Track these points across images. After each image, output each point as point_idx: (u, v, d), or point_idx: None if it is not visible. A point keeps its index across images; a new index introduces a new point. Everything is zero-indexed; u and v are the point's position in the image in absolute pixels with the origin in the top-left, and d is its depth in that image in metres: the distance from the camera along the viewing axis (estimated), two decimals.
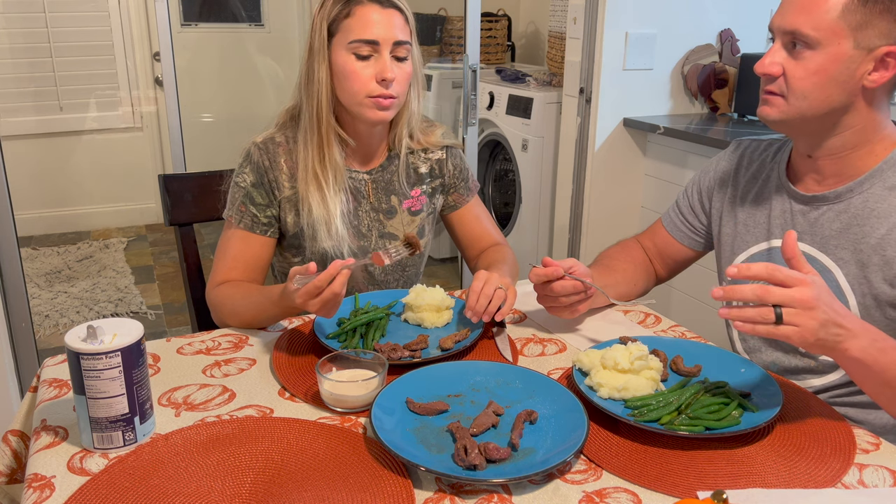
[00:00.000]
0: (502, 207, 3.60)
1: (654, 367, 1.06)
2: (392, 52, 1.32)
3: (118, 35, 4.35)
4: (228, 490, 0.86)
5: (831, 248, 1.17)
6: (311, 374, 1.11)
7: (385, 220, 1.47)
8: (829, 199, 1.18)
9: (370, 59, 1.32)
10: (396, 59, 1.34)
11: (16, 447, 1.11)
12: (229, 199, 1.42)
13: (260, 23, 4.61)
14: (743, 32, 2.86)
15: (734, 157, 1.36)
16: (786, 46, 1.12)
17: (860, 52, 1.07)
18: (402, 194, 1.48)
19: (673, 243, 1.45)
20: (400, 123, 1.45)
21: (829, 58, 1.08)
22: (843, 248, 1.16)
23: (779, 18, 1.12)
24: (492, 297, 1.22)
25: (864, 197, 1.14)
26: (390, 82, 1.32)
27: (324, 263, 1.40)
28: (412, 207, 1.50)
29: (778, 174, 1.27)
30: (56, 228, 4.52)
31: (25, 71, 4.18)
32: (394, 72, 1.32)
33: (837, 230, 1.16)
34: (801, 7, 1.08)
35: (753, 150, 1.35)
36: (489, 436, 0.95)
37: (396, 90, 1.34)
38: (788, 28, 1.09)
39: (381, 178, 1.47)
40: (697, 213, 1.41)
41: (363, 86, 1.32)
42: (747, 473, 0.90)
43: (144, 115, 4.55)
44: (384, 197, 1.47)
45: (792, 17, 1.09)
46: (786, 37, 1.11)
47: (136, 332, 0.92)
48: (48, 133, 4.32)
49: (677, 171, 2.72)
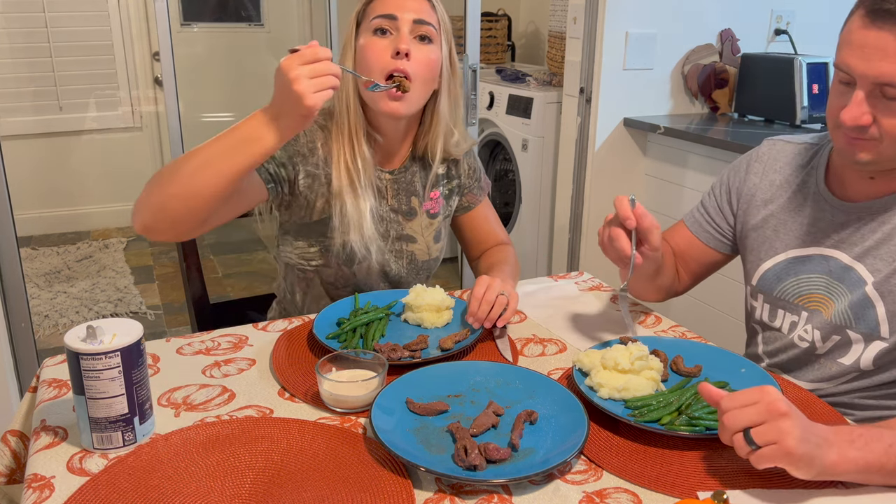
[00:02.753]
0: (502, 207, 3.60)
1: (655, 367, 1.06)
2: (413, 32, 1.28)
3: (118, 35, 4.34)
4: (228, 490, 0.86)
5: (869, 259, 1.14)
6: (310, 374, 1.11)
7: (404, 222, 1.45)
8: (871, 210, 1.15)
9: (389, 37, 1.28)
10: (419, 41, 1.29)
11: (15, 447, 1.10)
12: None
13: (260, 23, 4.61)
14: (743, 32, 2.86)
15: (767, 158, 1.31)
16: (872, 94, 1.03)
17: None
18: (422, 196, 1.46)
19: (697, 244, 1.38)
20: (432, 128, 1.40)
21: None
22: (881, 259, 1.13)
23: (861, 65, 1.02)
24: (493, 303, 1.21)
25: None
26: (404, 55, 1.26)
27: (349, 259, 1.38)
28: (431, 210, 1.47)
29: (816, 180, 1.22)
30: (56, 228, 4.51)
31: (25, 71, 4.18)
32: (410, 47, 1.26)
33: (877, 241, 1.13)
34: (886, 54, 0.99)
35: (788, 152, 1.29)
36: (489, 436, 0.95)
37: (413, 69, 1.27)
38: (879, 79, 1.01)
39: (403, 178, 1.44)
40: (725, 215, 1.35)
41: (378, 61, 1.27)
42: (747, 473, 0.90)
43: (144, 115, 4.55)
44: (404, 198, 1.45)
45: (882, 66, 1.00)
46: (871, 86, 1.02)
47: (135, 333, 0.92)
48: (48, 133, 4.32)
49: (677, 171, 2.72)
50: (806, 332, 1.21)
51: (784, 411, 0.83)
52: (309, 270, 1.43)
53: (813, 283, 1.20)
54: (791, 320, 1.23)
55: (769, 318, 1.27)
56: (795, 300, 1.22)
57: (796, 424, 0.82)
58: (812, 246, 1.21)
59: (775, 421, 0.82)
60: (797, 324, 1.22)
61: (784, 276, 1.23)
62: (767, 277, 1.26)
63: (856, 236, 1.16)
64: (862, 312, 1.14)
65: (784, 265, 1.24)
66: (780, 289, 1.24)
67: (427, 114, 1.41)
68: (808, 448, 0.82)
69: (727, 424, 0.85)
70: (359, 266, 1.41)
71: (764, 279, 1.27)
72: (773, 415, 0.83)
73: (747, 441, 0.83)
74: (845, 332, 1.16)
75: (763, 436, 0.82)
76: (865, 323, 1.14)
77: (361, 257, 1.39)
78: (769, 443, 0.82)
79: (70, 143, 4.41)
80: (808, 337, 1.21)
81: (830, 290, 1.18)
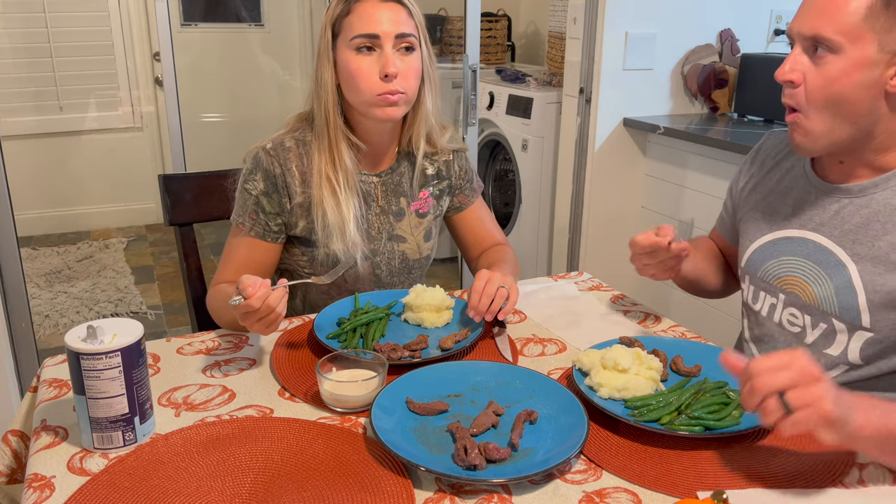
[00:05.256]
0: (502, 207, 3.60)
1: (654, 367, 1.06)
2: (395, 46, 1.29)
3: (118, 35, 4.34)
4: (228, 490, 0.86)
5: (849, 242, 1.15)
6: (311, 374, 1.11)
7: (394, 222, 1.46)
8: (852, 193, 1.16)
9: (373, 55, 1.29)
10: (402, 53, 1.30)
11: (16, 447, 1.11)
12: (238, 205, 1.39)
13: (260, 23, 4.61)
14: (743, 32, 2.86)
15: (767, 148, 1.35)
16: (806, 51, 1.09)
17: (884, 55, 1.04)
18: (410, 196, 1.47)
19: (726, 245, 1.45)
20: (415, 124, 1.42)
21: (852, 63, 1.05)
22: (860, 243, 1.14)
23: (798, 22, 1.09)
24: (494, 296, 1.22)
25: (887, 194, 1.12)
26: (393, 77, 1.28)
27: (335, 265, 1.40)
28: (420, 209, 1.49)
29: (803, 164, 1.25)
30: (56, 228, 4.52)
31: (25, 71, 4.18)
32: (397, 66, 1.28)
33: (857, 224, 1.14)
34: (822, 11, 1.05)
35: (780, 142, 1.33)
36: (489, 436, 0.95)
37: (403, 85, 1.30)
38: (810, 33, 1.06)
39: (391, 180, 1.45)
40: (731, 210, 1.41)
41: (368, 83, 1.29)
42: (747, 473, 0.90)
43: (144, 115, 4.55)
44: (393, 199, 1.46)
45: (813, 21, 1.06)
46: (806, 42, 1.08)
47: (136, 332, 0.92)
48: (48, 133, 4.32)
49: (677, 171, 2.72)
50: (795, 318, 1.22)
51: (818, 375, 0.83)
52: (304, 276, 1.45)
53: (792, 265, 1.22)
54: (770, 302, 1.26)
55: (752, 301, 1.30)
56: (774, 282, 1.24)
57: (830, 387, 0.83)
58: (796, 228, 1.22)
59: (810, 385, 0.82)
60: (776, 307, 1.24)
61: (768, 256, 1.26)
62: (754, 259, 1.29)
63: (836, 219, 1.17)
64: (845, 300, 1.14)
65: (769, 246, 1.26)
66: (763, 269, 1.27)
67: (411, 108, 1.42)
68: (841, 411, 0.82)
69: (757, 388, 0.83)
70: (346, 273, 1.42)
71: (751, 260, 1.29)
72: (808, 378, 0.82)
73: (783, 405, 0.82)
74: (830, 320, 1.17)
75: (799, 399, 0.81)
76: (847, 311, 1.14)
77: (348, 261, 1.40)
78: (804, 405, 0.81)
79: (70, 143, 4.41)
80: (798, 322, 1.21)
81: (807, 273, 1.19)
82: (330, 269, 1.41)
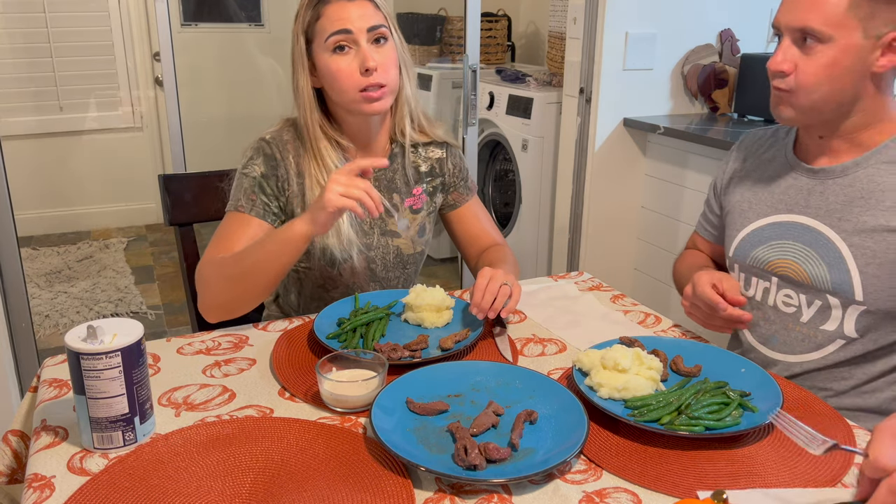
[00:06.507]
0: (502, 207, 3.60)
1: (654, 367, 1.06)
2: (369, 40, 1.32)
3: (118, 35, 4.35)
4: (228, 490, 0.86)
5: (835, 220, 1.20)
6: (311, 374, 1.11)
7: (387, 218, 1.48)
8: (835, 173, 1.21)
9: (350, 53, 1.31)
10: (377, 45, 1.33)
11: (16, 447, 1.11)
12: (235, 189, 1.38)
13: (260, 23, 4.61)
14: (743, 32, 2.86)
15: (746, 144, 1.41)
16: (795, 42, 1.15)
17: (869, 41, 1.11)
18: (404, 192, 1.49)
19: (707, 245, 1.49)
20: (398, 111, 1.44)
21: (840, 51, 1.11)
22: (847, 220, 1.19)
23: (786, 15, 1.15)
24: (497, 293, 1.22)
25: (869, 171, 1.18)
26: (374, 70, 1.31)
27: (331, 262, 1.41)
28: (413, 205, 1.50)
29: (785, 153, 1.31)
30: (56, 228, 4.52)
31: (25, 71, 4.18)
32: (375, 59, 1.31)
33: (842, 203, 1.19)
34: (809, 3, 1.11)
35: (759, 137, 1.39)
36: (489, 436, 0.95)
37: (384, 78, 1.32)
38: (798, 25, 1.13)
39: (384, 176, 1.47)
40: (715, 207, 1.44)
41: (350, 80, 1.31)
42: (747, 473, 0.90)
43: (144, 115, 4.55)
44: (386, 195, 1.47)
45: (801, 14, 1.12)
46: (795, 33, 1.14)
47: (136, 332, 0.92)
48: (48, 133, 4.32)
49: (677, 171, 2.72)
50: (790, 298, 1.25)
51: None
52: (300, 271, 1.46)
53: (783, 248, 1.25)
54: (763, 286, 1.29)
55: (744, 288, 1.32)
56: (766, 266, 1.27)
57: None
58: (783, 213, 1.26)
59: None
60: (769, 290, 1.28)
61: (757, 243, 1.29)
62: (742, 247, 1.32)
63: (821, 201, 1.22)
64: (837, 276, 1.18)
65: (757, 233, 1.29)
66: (752, 256, 1.30)
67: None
68: None
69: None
70: (342, 267, 1.44)
71: (739, 249, 1.32)
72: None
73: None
74: (825, 297, 1.21)
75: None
76: (840, 286, 1.18)
77: (343, 259, 1.42)
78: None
79: (70, 143, 4.41)
80: (793, 302, 1.25)
81: (798, 255, 1.23)
82: (327, 264, 1.42)
